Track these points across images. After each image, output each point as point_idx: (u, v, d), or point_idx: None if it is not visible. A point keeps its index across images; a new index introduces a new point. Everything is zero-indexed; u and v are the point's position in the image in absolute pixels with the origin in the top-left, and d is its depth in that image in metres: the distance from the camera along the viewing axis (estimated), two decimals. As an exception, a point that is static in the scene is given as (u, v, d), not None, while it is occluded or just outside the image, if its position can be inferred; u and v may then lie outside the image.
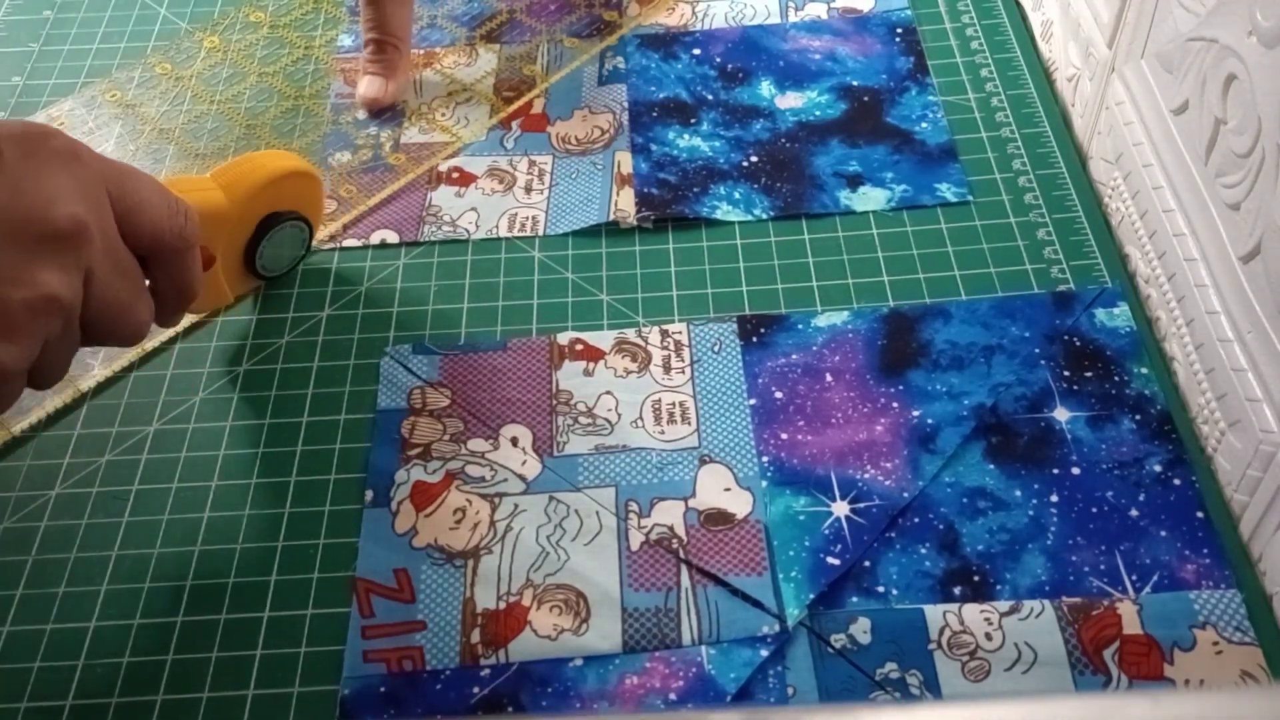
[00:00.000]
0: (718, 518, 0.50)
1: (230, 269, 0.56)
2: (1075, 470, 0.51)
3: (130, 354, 0.57)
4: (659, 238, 0.61)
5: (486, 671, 0.46)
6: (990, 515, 0.49)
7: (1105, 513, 0.49)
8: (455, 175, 0.65)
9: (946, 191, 0.62)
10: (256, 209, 0.55)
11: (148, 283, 0.48)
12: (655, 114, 0.68)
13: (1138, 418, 0.52)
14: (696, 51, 0.71)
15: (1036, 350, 0.55)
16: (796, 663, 0.46)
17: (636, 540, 0.49)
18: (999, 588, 0.47)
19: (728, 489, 0.51)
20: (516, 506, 0.51)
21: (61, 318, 0.43)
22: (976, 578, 0.48)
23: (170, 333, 0.58)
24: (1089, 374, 0.54)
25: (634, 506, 0.50)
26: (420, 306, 0.59)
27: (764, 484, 0.51)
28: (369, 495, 0.51)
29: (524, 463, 0.52)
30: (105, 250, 0.44)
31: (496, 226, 0.62)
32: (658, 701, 0.45)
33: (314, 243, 0.60)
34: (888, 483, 0.50)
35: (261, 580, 0.49)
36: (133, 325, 0.47)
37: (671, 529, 0.50)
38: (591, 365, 0.56)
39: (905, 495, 0.50)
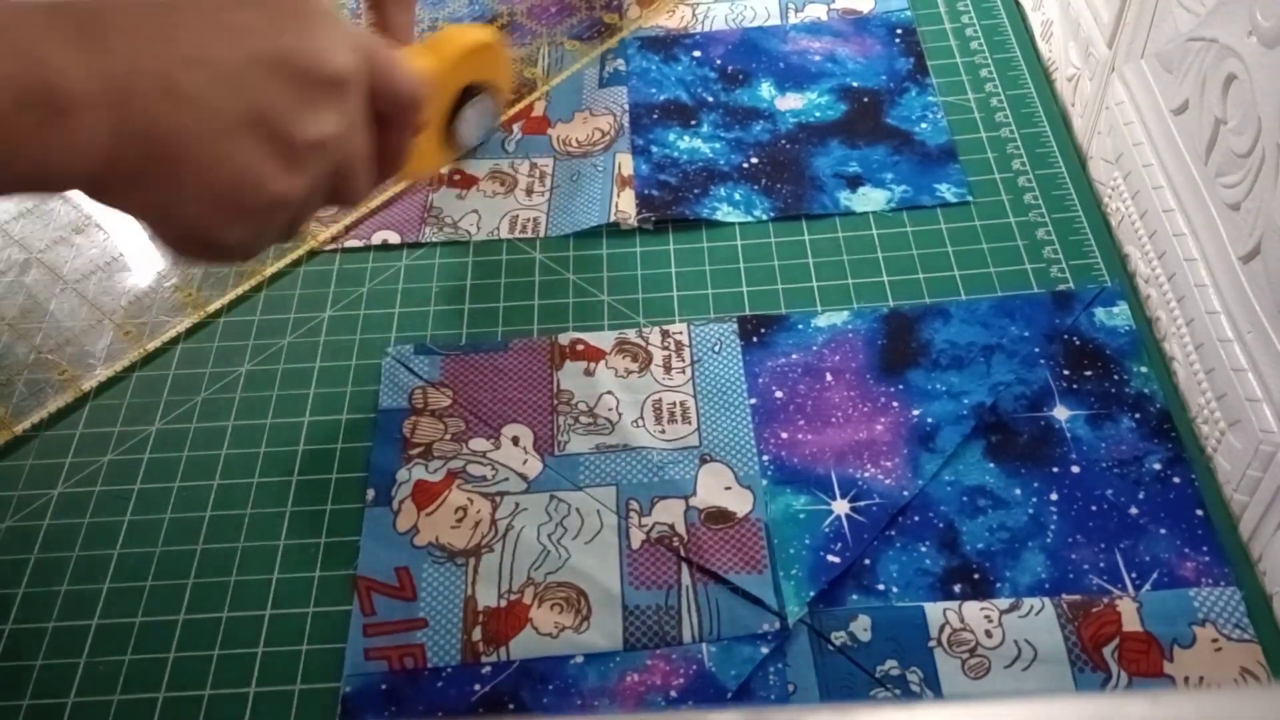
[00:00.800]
0: (718, 516, 0.50)
1: (432, 139, 0.56)
2: (1075, 469, 0.51)
3: (132, 354, 0.57)
4: (659, 239, 0.62)
5: (488, 669, 0.46)
6: (990, 513, 0.50)
7: (1105, 511, 0.49)
8: (457, 177, 0.65)
9: (946, 192, 0.62)
10: (458, 79, 0.56)
11: None
12: (656, 116, 0.68)
13: (1137, 416, 0.52)
14: (697, 53, 0.72)
15: (1036, 349, 0.55)
16: (797, 660, 0.46)
17: (637, 539, 0.49)
18: (999, 585, 0.47)
19: (728, 488, 0.51)
20: (518, 505, 0.51)
21: (331, 161, 0.44)
22: (976, 576, 0.48)
23: (187, 323, 0.58)
24: (1088, 373, 0.54)
25: (635, 505, 0.50)
26: (422, 307, 0.59)
27: (764, 483, 0.51)
28: (370, 494, 0.51)
29: (525, 462, 0.52)
30: (360, 106, 0.46)
31: (498, 228, 0.63)
32: (658, 699, 0.45)
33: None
34: (888, 481, 0.51)
35: (263, 578, 0.49)
36: (361, 183, 0.48)
37: (672, 527, 0.50)
38: (592, 365, 0.56)
39: (905, 494, 0.50)
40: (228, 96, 0.42)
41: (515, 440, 0.53)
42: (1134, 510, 0.49)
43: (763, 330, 0.57)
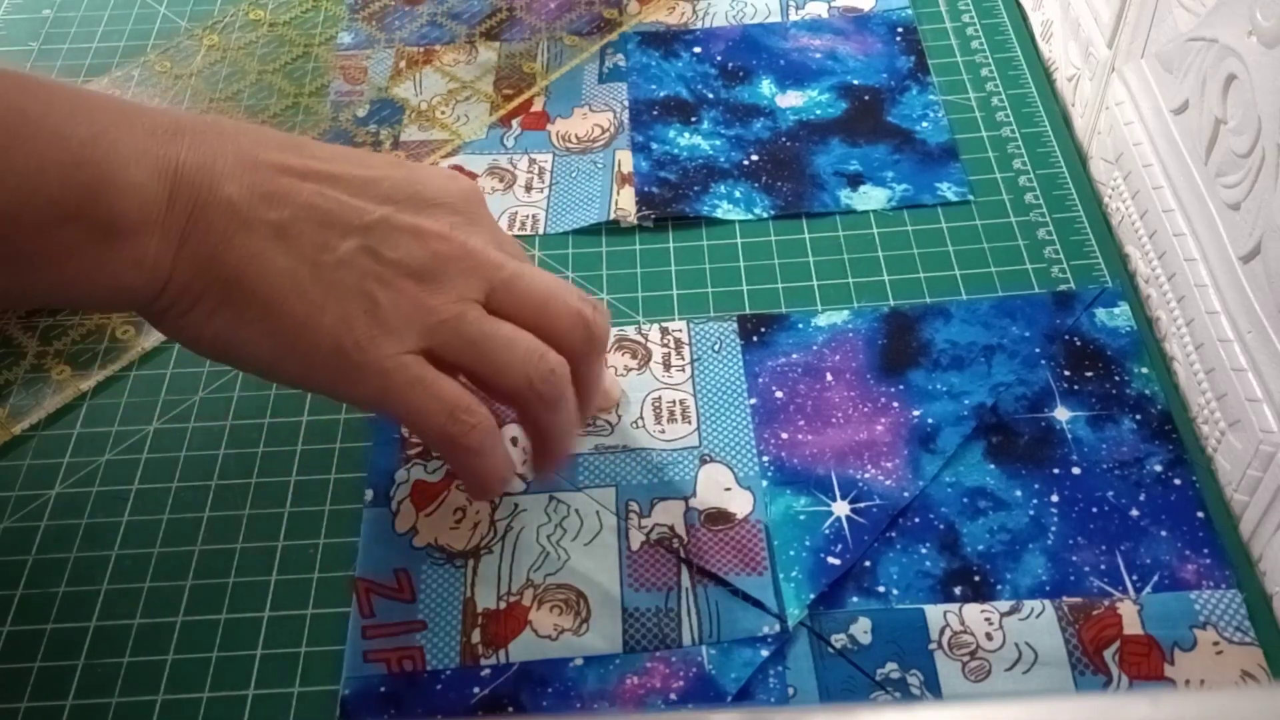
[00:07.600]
0: (718, 517, 0.50)
1: None
2: (1076, 470, 0.51)
3: (131, 353, 0.57)
4: (659, 236, 0.61)
5: (487, 672, 0.46)
6: (990, 515, 0.49)
7: (1106, 513, 0.49)
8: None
9: (947, 191, 0.62)
10: None
11: None
12: (656, 112, 0.68)
13: (1138, 417, 0.52)
14: (697, 50, 0.71)
15: (1037, 350, 0.55)
16: (797, 663, 0.46)
17: (637, 540, 0.49)
18: (999, 588, 0.47)
19: (728, 489, 0.51)
20: (517, 506, 0.51)
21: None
22: (977, 578, 0.48)
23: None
24: (1089, 374, 0.54)
25: (634, 506, 0.50)
26: (420, 305, 0.59)
27: (764, 484, 0.51)
28: (369, 494, 0.51)
29: (524, 462, 0.52)
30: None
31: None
32: (658, 701, 0.45)
33: None
34: (888, 482, 0.50)
35: (261, 580, 0.49)
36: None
37: (672, 529, 0.50)
38: (592, 365, 0.56)
39: (906, 495, 0.50)
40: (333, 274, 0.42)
41: (514, 441, 0.53)
42: (1135, 512, 0.49)
43: (763, 329, 0.56)
